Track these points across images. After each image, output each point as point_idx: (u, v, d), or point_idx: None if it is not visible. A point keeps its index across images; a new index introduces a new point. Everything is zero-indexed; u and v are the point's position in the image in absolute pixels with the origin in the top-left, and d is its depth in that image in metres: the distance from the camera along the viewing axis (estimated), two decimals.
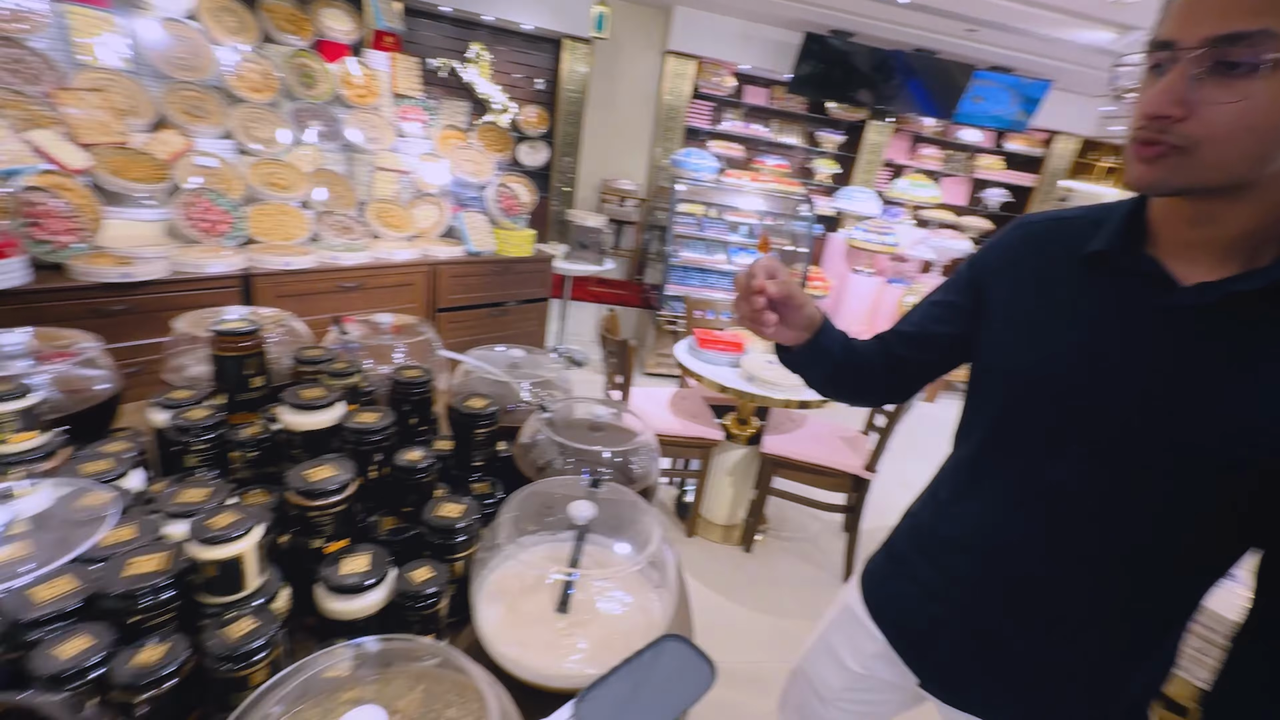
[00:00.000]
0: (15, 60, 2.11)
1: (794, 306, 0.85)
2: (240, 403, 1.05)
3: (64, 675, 0.54)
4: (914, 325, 0.95)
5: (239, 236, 2.43)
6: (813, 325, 0.90)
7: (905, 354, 0.95)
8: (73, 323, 1.91)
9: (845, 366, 0.94)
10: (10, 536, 0.69)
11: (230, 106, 2.59)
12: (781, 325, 0.87)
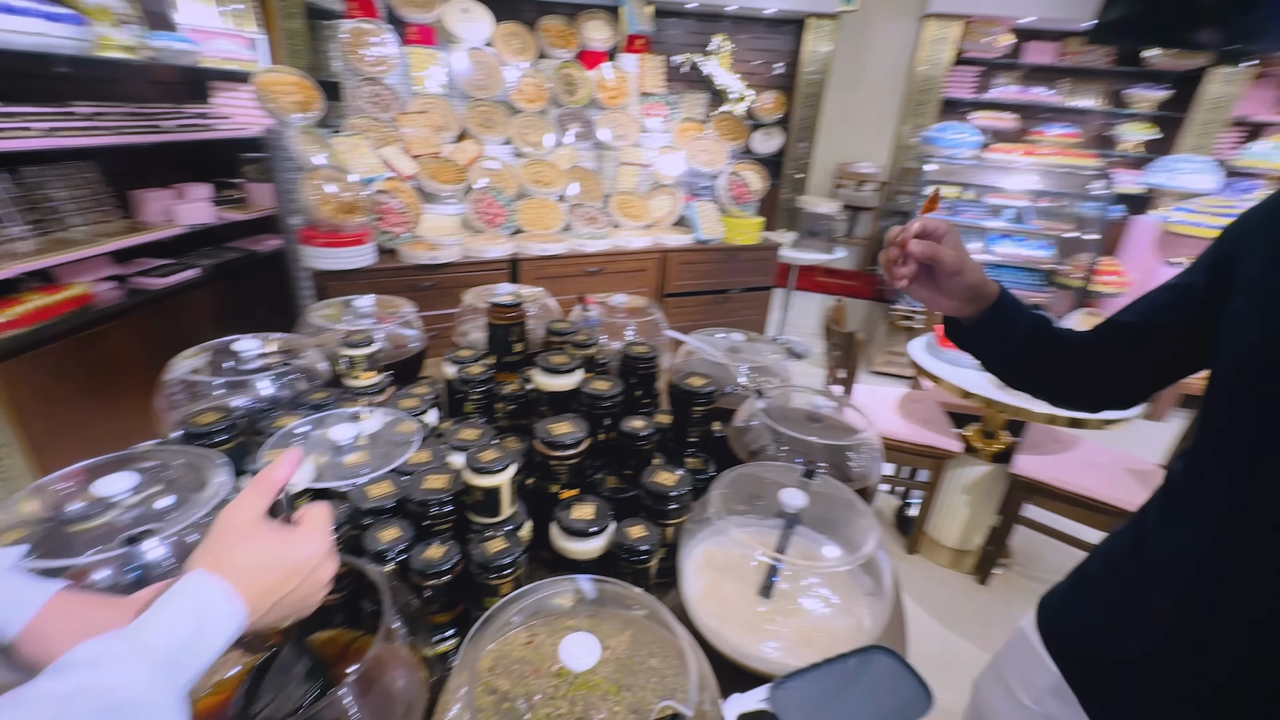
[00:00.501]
0: (376, 94, 2.78)
1: (948, 272, 0.76)
2: (505, 363, 1.25)
3: (382, 553, 0.71)
4: (1136, 315, 0.76)
5: (511, 226, 2.87)
6: (981, 297, 0.79)
7: (1121, 348, 0.76)
8: (394, 293, 2.49)
9: (1031, 350, 0.80)
10: (357, 447, 0.93)
11: (511, 117, 3.06)
12: (936, 292, 0.79)
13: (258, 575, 0.48)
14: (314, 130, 2.44)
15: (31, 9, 1.91)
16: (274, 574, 0.49)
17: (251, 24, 2.96)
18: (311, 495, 0.83)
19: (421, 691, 0.61)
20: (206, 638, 0.44)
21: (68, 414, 2.19)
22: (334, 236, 2.24)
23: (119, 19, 2.33)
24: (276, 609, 0.50)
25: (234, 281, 2.96)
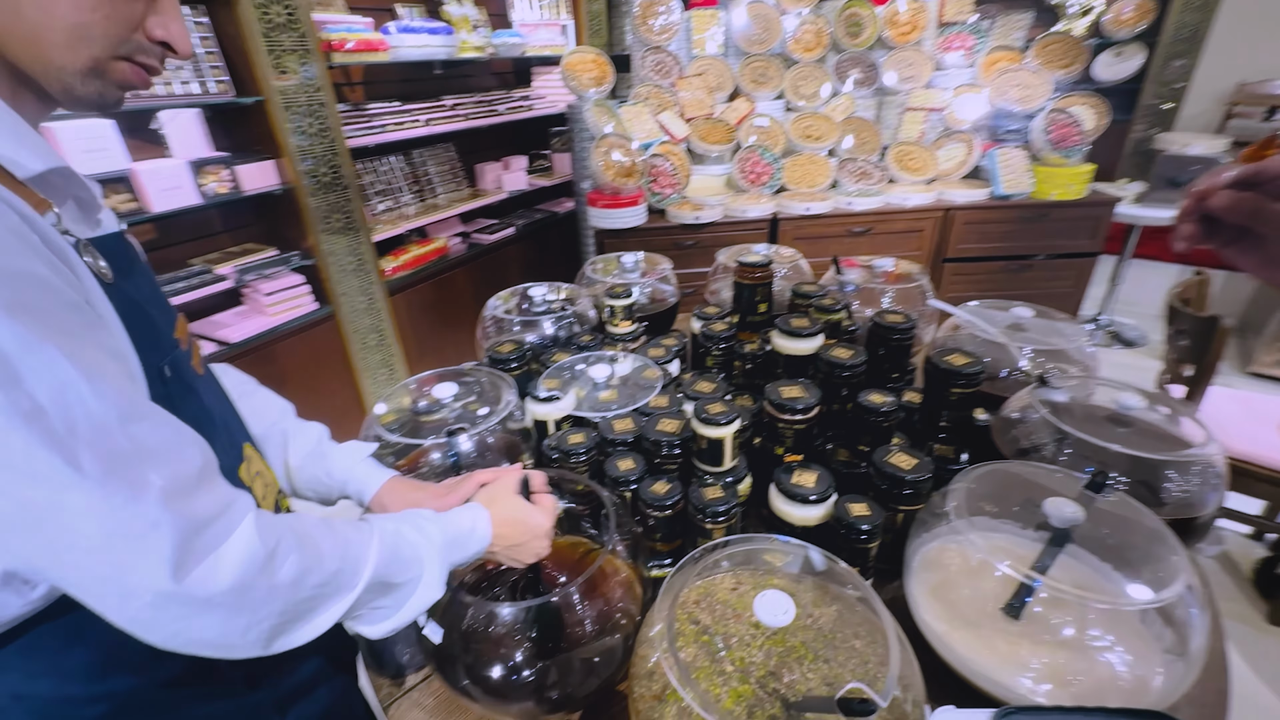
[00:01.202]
0: (659, 62, 2.96)
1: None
2: (748, 323, 1.27)
3: (620, 480, 0.81)
4: None
5: (774, 185, 2.82)
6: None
7: None
8: (661, 251, 2.68)
9: None
10: (608, 385, 1.06)
11: (785, 70, 2.96)
12: (1239, 249, 0.53)
13: (505, 524, 0.67)
14: (605, 102, 2.72)
15: (421, 28, 2.50)
16: (514, 527, 0.68)
17: (563, 12, 3.39)
18: (571, 422, 0.99)
19: (636, 602, 0.69)
20: (469, 544, 0.64)
21: (428, 336, 2.94)
22: (613, 198, 2.50)
23: (474, 24, 2.90)
24: (504, 551, 0.68)
25: (538, 238, 3.54)
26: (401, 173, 2.90)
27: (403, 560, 0.58)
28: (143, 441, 0.42)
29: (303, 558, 0.50)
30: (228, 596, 0.44)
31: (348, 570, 0.53)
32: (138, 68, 0.48)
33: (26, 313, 0.37)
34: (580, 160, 2.98)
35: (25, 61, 0.44)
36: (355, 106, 2.57)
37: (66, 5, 0.42)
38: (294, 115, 2.16)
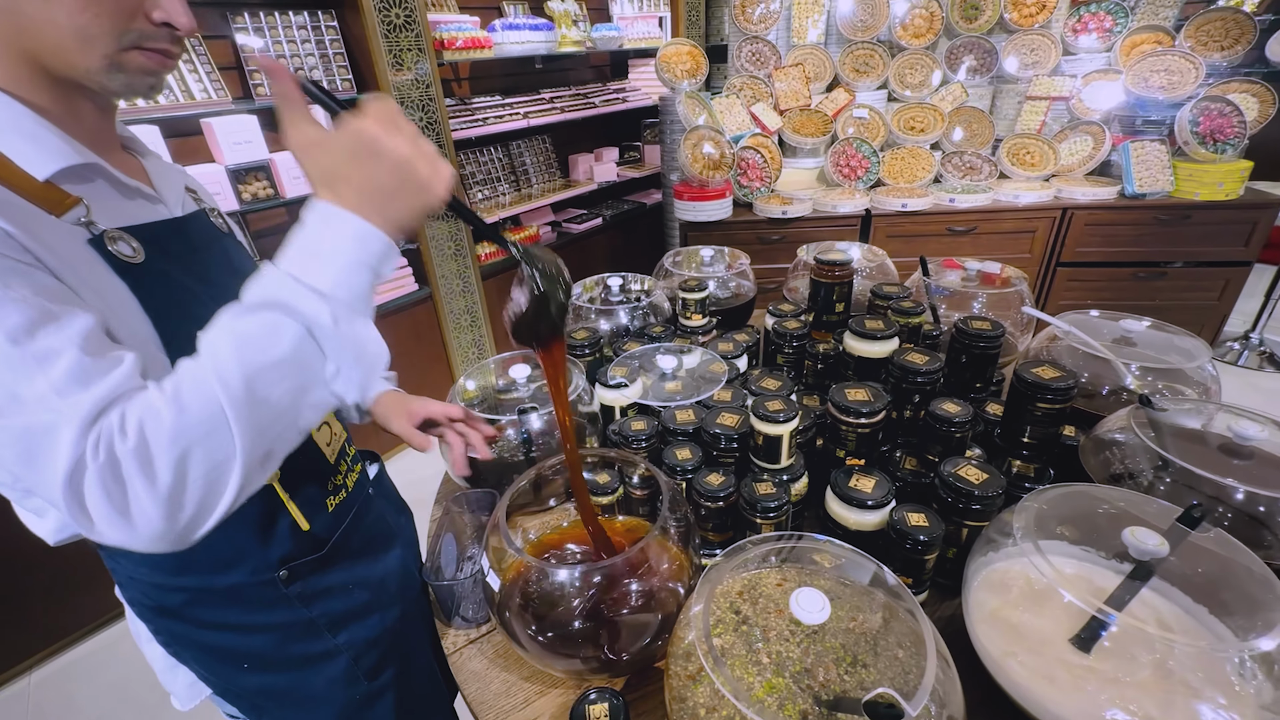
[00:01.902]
0: (755, 53, 2.91)
1: None
2: (823, 322, 1.24)
3: (676, 468, 0.84)
4: None
5: (870, 179, 2.70)
6: None
7: None
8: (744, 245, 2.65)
9: None
10: (675, 376, 1.08)
11: (890, 58, 2.81)
12: None
13: (364, 186, 0.48)
14: (697, 94, 2.72)
15: (523, 24, 2.61)
16: (350, 165, 0.48)
17: (661, 5, 3.41)
18: (636, 409, 1.02)
19: (682, 584, 0.72)
20: (318, 239, 0.48)
21: None
22: (699, 191, 2.50)
23: (575, 19, 2.98)
24: (394, 203, 0.49)
25: (625, 228, 3.60)
26: (500, 163, 3.05)
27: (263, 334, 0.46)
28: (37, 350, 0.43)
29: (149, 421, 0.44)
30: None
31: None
32: (150, 53, 0.53)
33: None
34: (669, 152, 3.00)
35: (63, 71, 0.51)
36: (461, 101, 2.74)
37: (63, 12, 0.48)
38: (407, 109, 2.34)
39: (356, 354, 0.49)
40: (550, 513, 0.97)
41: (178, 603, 0.67)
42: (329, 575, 0.74)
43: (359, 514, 0.80)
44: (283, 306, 0.46)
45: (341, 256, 0.48)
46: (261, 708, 0.76)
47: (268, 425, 0.46)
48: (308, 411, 0.49)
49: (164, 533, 0.43)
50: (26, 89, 0.51)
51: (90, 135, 0.57)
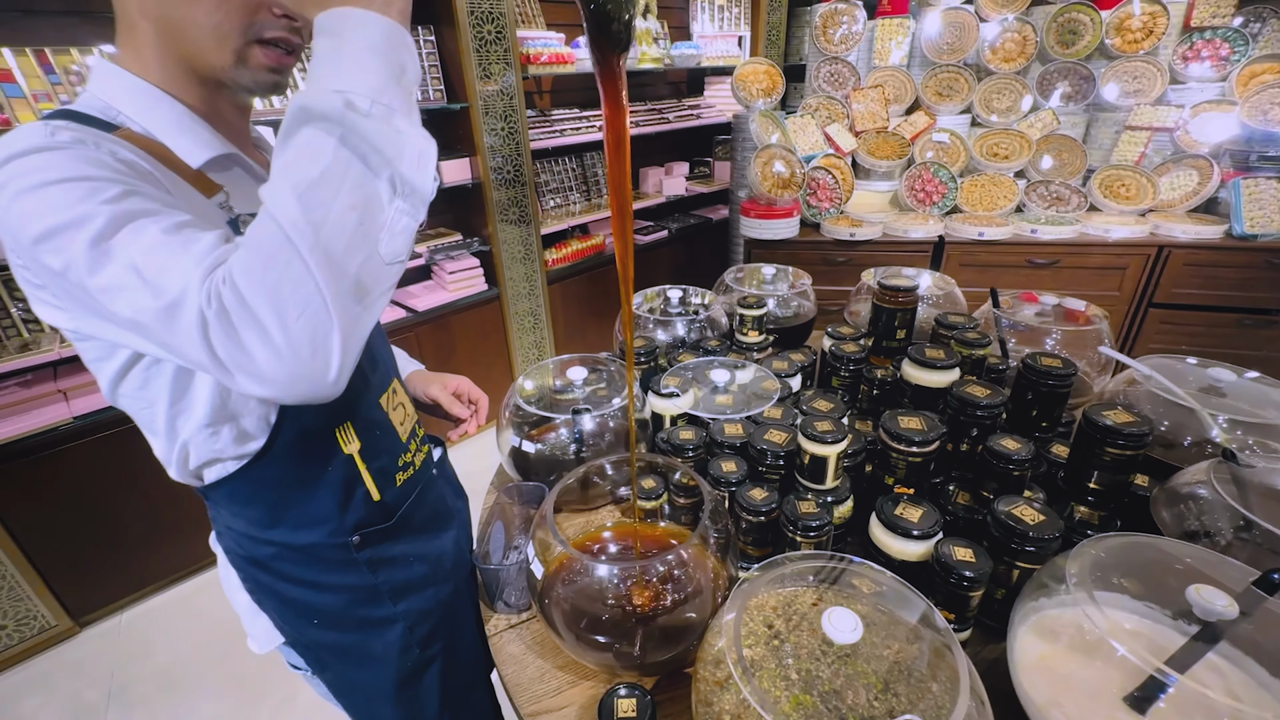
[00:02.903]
0: (834, 73, 2.89)
1: None
2: (882, 347, 1.22)
3: (718, 479, 0.85)
4: None
5: (946, 205, 2.62)
6: None
7: None
8: (808, 265, 2.61)
9: None
10: (727, 390, 1.09)
11: (978, 81, 2.73)
12: None
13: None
14: (772, 112, 2.72)
15: None
16: None
17: (742, 24, 3.44)
18: (686, 419, 1.04)
19: (716, 590, 0.73)
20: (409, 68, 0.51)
21: (576, 324, 3.17)
22: (766, 209, 2.50)
23: (655, 37, 3.06)
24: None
25: (690, 242, 3.64)
26: (572, 173, 3.16)
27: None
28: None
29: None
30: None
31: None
32: (270, 50, 0.60)
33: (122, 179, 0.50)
34: (739, 169, 3.01)
35: (204, 70, 0.59)
36: (541, 112, 2.86)
37: (202, 11, 0.55)
38: (490, 119, 2.46)
39: (397, 147, 0.48)
40: (595, 513, 1.00)
41: (266, 555, 0.74)
42: (394, 546, 0.80)
43: (423, 492, 0.86)
44: (309, 116, 0.46)
45: (345, 53, 0.47)
46: (324, 662, 0.82)
47: (341, 251, 0.46)
48: (382, 235, 0.48)
49: (289, 373, 0.45)
50: (181, 89, 0.60)
51: (230, 131, 0.66)
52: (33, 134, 0.50)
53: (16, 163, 0.48)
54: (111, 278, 0.46)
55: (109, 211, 0.47)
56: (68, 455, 1.82)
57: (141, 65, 0.59)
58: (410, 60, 0.51)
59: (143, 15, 0.56)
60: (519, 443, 1.01)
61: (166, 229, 0.48)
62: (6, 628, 1.84)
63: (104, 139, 0.53)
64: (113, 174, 0.50)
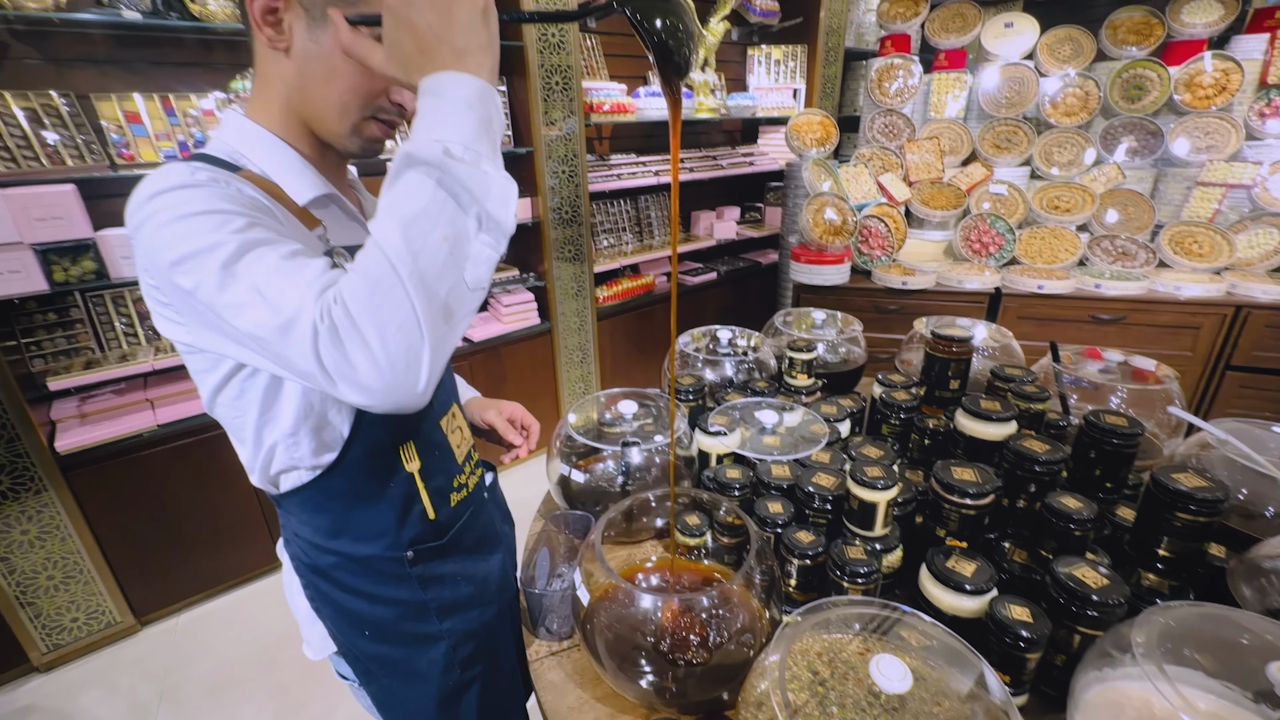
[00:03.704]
0: (889, 125, 2.92)
1: None
2: (935, 397, 1.21)
3: (767, 521, 0.85)
4: None
5: (1003, 257, 2.58)
6: None
7: None
8: (859, 312, 2.60)
9: None
10: (774, 431, 1.10)
11: (1037, 134, 2.71)
12: None
13: (421, 39, 0.55)
14: (825, 161, 2.77)
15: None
16: (412, 18, 0.54)
17: (797, 77, 3.54)
18: (733, 458, 1.05)
19: (760, 631, 0.73)
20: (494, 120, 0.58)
21: (623, 360, 3.23)
22: (817, 255, 2.52)
23: (712, 88, 3.18)
24: (451, 32, 0.55)
25: (738, 285, 3.67)
26: (627, 215, 3.27)
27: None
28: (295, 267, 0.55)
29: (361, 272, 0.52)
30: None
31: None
32: (382, 124, 0.70)
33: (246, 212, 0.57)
34: (791, 215, 3.05)
35: (321, 133, 0.70)
36: (600, 157, 2.99)
37: (335, 92, 0.65)
38: (552, 162, 2.60)
39: (484, 188, 0.54)
40: (638, 546, 1.01)
41: (327, 564, 0.78)
42: (444, 564, 0.83)
43: (474, 513, 0.89)
44: (413, 163, 0.53)
45: (443, 109, 0.54)
46: (372, 674, 0.85)
47: (434, 278, 0.51)
48: (468, 264, 0.54)
49: (386, 384, 0.51)
50: (296, 139, 0.70)
51: (331, 174, 0.75)
52: (177, 173, 0.58)
53: (162, 198, 0.56)
54: (237, 296, 0.53)
55: (237, 240, 0.54)
56: (148, 460, 1.96)
57: (267, 117, 0.68)
58: (496, 113, 0.58)
59: (280, 80, 0.66)
60: (568, 472, 1.04)
61: (284, 255, 0.54)
62: (79, 620, 1.96)
63: (232, 178, 0.61)
64: (240, 208, 0.57)
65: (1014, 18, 2.82)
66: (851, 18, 3.55)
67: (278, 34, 0.62)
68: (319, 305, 0.51)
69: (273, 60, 0.65)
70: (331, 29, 0.61)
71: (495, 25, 0.59)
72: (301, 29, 0.62)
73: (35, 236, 1.64)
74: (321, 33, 0.62)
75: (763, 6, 3.32)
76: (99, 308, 1.99)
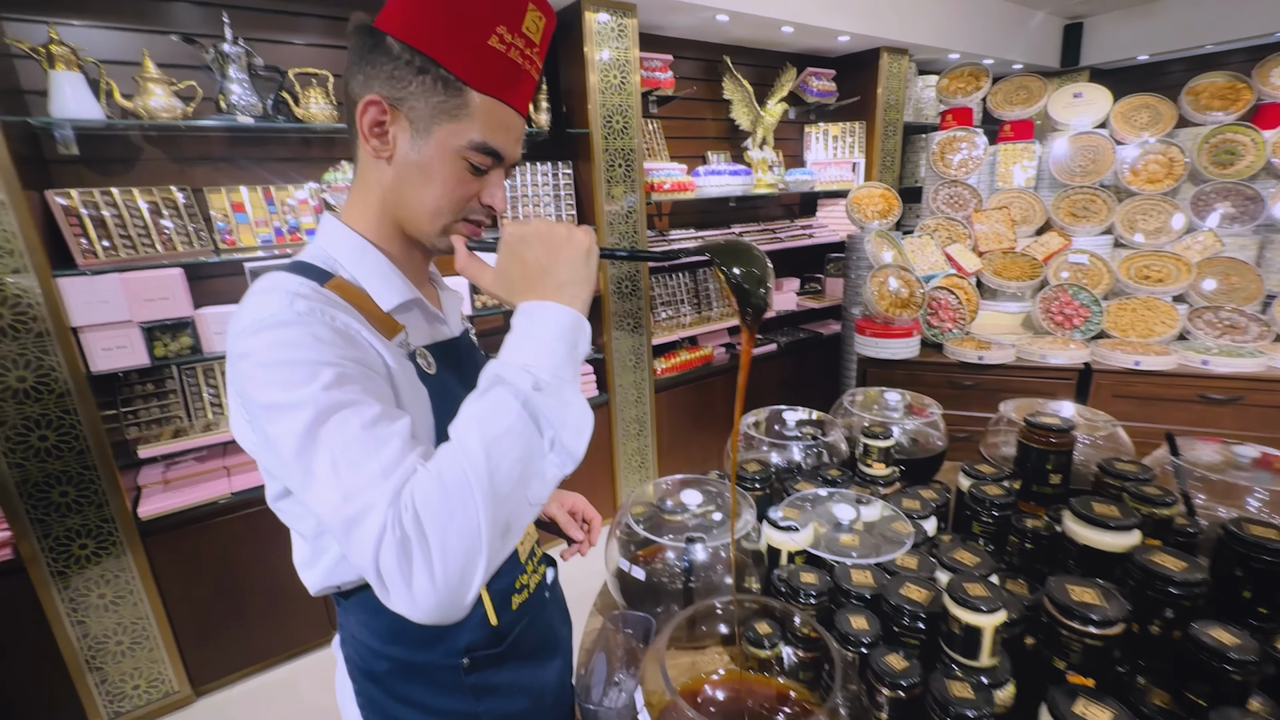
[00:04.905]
0: (953, 196, 2.87)
1: None
2: (1033, 493, 1.09)
3: (850, 639, 0.76)
4: None
5: (1090, 330, 2.41)
6: None
7: None
8: (931, 389, 2.45)
9: None
10: (851, 528, 1.01)
11: (1118, 202, 2.58)
12: None
13: (528, 272, 0.63)
14: (888, 233, 2.72)
15: (724, 170, 2.91)
16: (525, 254, 0.63)
17: (855, 152, 3.57)
18: (805, 558, 0.96)
19: None
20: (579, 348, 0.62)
21: (680, 433, 3.16)
22: (883, 328, 2.43)
23: (770, 165, 3.24)
24: (557, 269, 0.63)
25: (799, 356, 3.59)
26: (685, 288, 3.29)
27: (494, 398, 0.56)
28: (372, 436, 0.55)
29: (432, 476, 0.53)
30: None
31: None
32: (470, 224, 0.71)
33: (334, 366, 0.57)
34: (853, 287, 2.99)
35: (412, 233, 0.71)
36: (659, 233, 3.06)
37: (431, 196, 0.67)
38: (613, 237, 2.67)
39: (562, 417, 0.57)
40: (702, 653, 0.92)
41: (382, 670, 0.75)
42: (501, 673, 0.78)
43: (534, 617, 0.84)
44: (502, 383, 0.57)
45: (537, 335, 0.60)
46: None
47: (504, 496, 0.53)
48: (534, 482, 0.56)
49: (437, 603, 0.50)
50: (387, 242, 0.72)
51: (415, 273, 0.76)
52: (278, 303, 0.59)
53: (262, 336, 0.57)
54: (313, 465, 0.53)
55: (324, 400, 0.54)
56: (218, 527, 2.02)
57: (363, 220, 0.71)
58: (584, 341, 0.63)
59: (379, 184, 0.69)
60: (628, 568, 0.98)
61: (365, 424, 0.54)
62: (140, 687, 1.98)
63: (325, 304, 0.62)
64: (331, 354, 0.58)
65: (1083, 88, 2.77)
66: (909, 94, 3.59)
67: (382, 144, 0.65)
68: (392, 510, 0.50)
69: (374, 167, 0.68)
70: (433, 140, 0.64)
71: (595, 264, 0.66)
72: (405, 140, 0.65)
73: (143, 315, 1.79)
74: (423, 143, 0.65)
75: (819, 88, 3.41)
76: (190, 379, 2.13)
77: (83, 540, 1.80)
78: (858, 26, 3.03)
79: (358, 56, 0.64)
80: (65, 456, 1.73)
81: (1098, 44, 4.05)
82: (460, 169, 0.66)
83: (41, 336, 1.65)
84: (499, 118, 0.65)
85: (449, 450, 0.54)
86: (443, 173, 0.65)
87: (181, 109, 1.86)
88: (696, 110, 3.23)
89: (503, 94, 0.64)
